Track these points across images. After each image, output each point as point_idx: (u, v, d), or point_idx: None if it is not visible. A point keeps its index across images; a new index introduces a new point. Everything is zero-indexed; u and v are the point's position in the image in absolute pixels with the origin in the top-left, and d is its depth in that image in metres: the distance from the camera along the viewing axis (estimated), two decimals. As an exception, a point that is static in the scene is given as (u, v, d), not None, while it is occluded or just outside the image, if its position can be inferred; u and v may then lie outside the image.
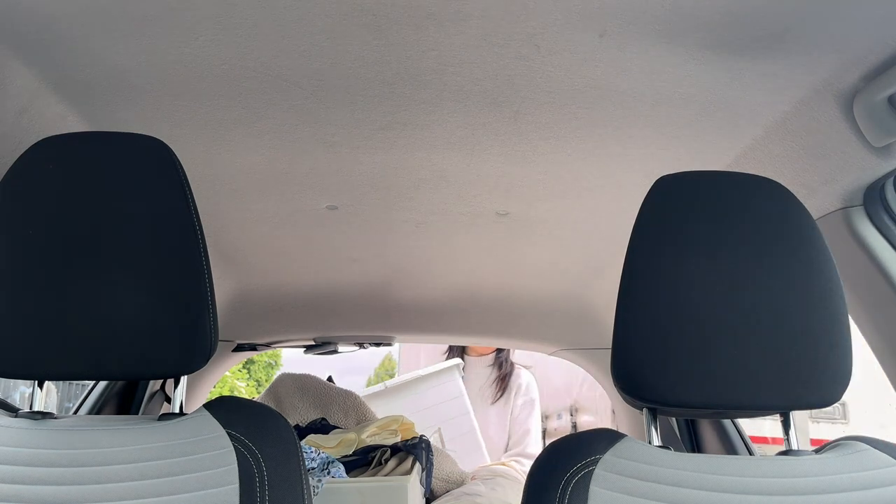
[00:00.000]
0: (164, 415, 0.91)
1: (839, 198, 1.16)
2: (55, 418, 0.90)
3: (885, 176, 1.11)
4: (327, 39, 0.98)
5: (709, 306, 0.85)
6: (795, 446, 0.91)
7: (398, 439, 2.07)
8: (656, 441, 0.90)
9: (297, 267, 1.97)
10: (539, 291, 2.10)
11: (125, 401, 2.11)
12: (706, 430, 1.98)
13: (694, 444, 2.02)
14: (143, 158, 0.89)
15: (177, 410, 0.93)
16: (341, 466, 1.86)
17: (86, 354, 0.84)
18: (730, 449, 1.86)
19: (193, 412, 0.90)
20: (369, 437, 2.03)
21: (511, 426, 2.70)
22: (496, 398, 2.73)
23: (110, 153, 0.89)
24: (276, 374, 2.66)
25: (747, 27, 0.93)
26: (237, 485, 0.83)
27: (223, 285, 1.99)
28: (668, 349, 0.85)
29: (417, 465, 1.99)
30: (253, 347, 2.51)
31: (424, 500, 2.12)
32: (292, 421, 2.27)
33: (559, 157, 1.30)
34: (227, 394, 1.77)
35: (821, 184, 1.16)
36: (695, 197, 0.91)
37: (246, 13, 0.92)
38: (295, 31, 0.96)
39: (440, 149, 1.28)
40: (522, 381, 2.76)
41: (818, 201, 1.18)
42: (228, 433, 0.87)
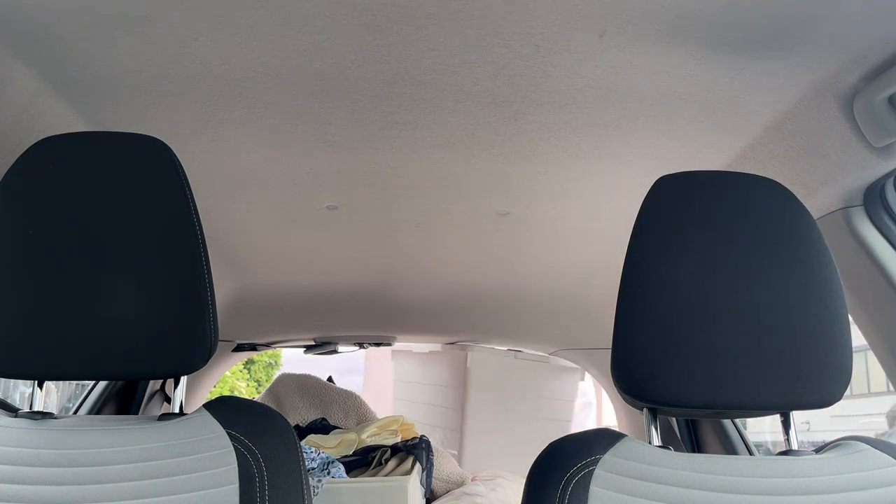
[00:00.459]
0: (164, 415, 0.91)
1: (839, 198, 1.16)
2: (55, 418, 0.90)
3: (885, 176, 1.11)
4: (327, 39, 0.98)
5: (708, 306, 0.85)
6: (795, 446, 0.91)
7: (398, 439, 2.07)
8: (656, 441, 0.90)
9: (297, 267, 1.97)
10: (539, 291, 2.10)
11: (125, 401, 2.12)
12: (706, 430, 1.98)
13: (694, 444, 2.02)
14: (143, 158, 0.89)
15: (177, 410, 0.93)
16: (341, 466, 1.86)
17: (86, 354, 0.84)
18: (730, 449, 1.86)
19: (193, 412, 0.90)
20: (369, 437, 2.03)
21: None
22: None
23: (110, 153, 0.89)
24: (276, 375, 2.66)
25: (747, 27, 0.93)
26: (237, 485, 0.83)
27: (223, 285, 1.99)
28: (668, 349, 0.85)
29: (417, 465, 1.99)
30: (253, 347, 2.51)
31: (425, 501, 2.12)
32: (292, 421, 2.27)
33: (559, 157, 1.30)
34: (227, 394, 1.77)
35: (821, 184, 1.16)
36: (695, 197, 0.91)
37: (246, 13, 0.92)
38: (295, 31, 0.96)
39: (440, 149, 1.28)
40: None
41: (818, 201, 1.18)
42: (228, 433, 0.86)
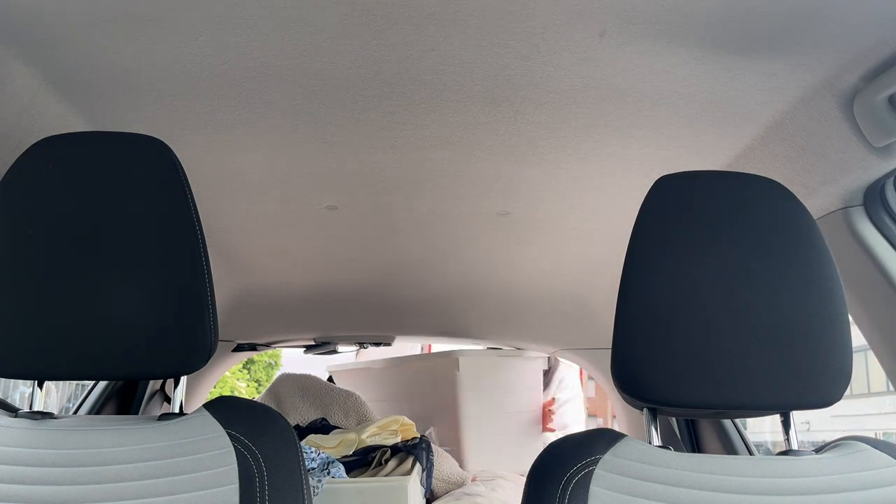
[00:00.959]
0: (164, 415, 0.91)
1: (839, 198, 1.16)
2: (55, 418, 0.90)
3: (885, 176, 1.11)
4: (327, 39, 0.98)
5: (708, 306, 0.85)
6: (795, 446, 0.91)
7: (398, 440, 2.07)
8: (656, 441, 0.90)
9: (297, 267, 1.97)
10: (539, 291, 2.10)
11: (125, 401, 2.12)
12: (706, 430, 1.98)
13: (694, 444, 2.02)
14: (143, 158, 0.89)
15: (177, 410, 0.93)
16: (341, 467, 1.86)
17: (86, 354, 0.84)
18: (730, 449, 1.86)
19: (193, 412, 0.90)
20: (369, 437, 2.03)
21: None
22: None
23: (110, 153, 0.89)
24: (277, 375, 2.66)
25: (747, 27, 0.93)
26: (237, 485, 0.83)
27: (223, 285, 1.99)
28: (667, 349, 0.85)
29: (417, 465, 1.99)
30: (253, 347, 2.51)
31: (425, 501, 2.12)
32: (293, 421, 2.27)
33: (559, 156, 1.30)
34: (227, 394, 1.77)
35: (821, 184, 1.16)
36: (695, 197, 0.91)
37: (246, 13, 0.92)
38: (295, 31, 0.96)
39: (440, 149, 1.28)
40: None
41: (818, 201, 1.18)
42: (228, 433, 0.87)
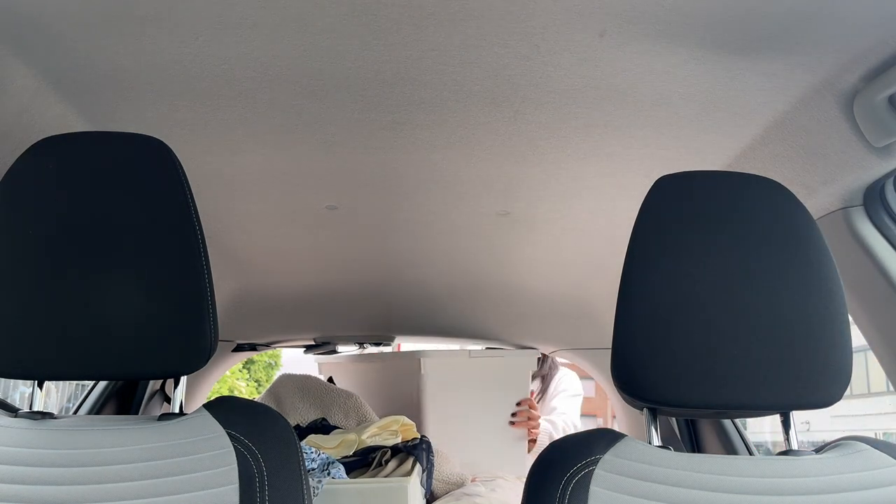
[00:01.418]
0: (164, 415, 0.91)
1: (839, 198, 1.16)
2: (55, 418, 0.90)
3: (885, 176, 1.11)
4: (327, 39, 0.98)
5: (708, 306, 0.85)
6: (795, 446, 0.91)
7: (399, 440, 2.06)
8: (656, 441, 0.90)
9: (297, 267, 1.97)
10: (539, 291, 2.10)
11: (125, 401, 2.12)
12: (706, 430, 1.98)
13: (694, 444, 2.02)
14: (143, 158, 0.89)
15: (177, 410, 0.93)
16: (341, 467, 1.86)
17: (85, 354, 0.84)
18: (730, 449, 1.86)
19: (193, 412, 0.90)
20: (370, 437, 2.03)
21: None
22: (536, 399, 2.69)
23: (110, 153, 0.89)
24: (277, 375, 2.65)
25: (747, 27, 0.93)
26: (237, 485, 0.83)
27: (223, 285, 1.99)
28: (668, 349, 0.85)
29: (418, 465, 1.98)
30: (253, 347, 2.51)
31: (425, 501, 2.11)
32: (293, 421, 2.27)
33: (559, 156, 1.30)
34: (227, 394, 1.77)
35: (821, 184, 1.16)
36: (694, 197, 0.91)
37: (246, 13, 0.92)
38: (295, 31, 0.96)
39: (440, 149, 1.28)
40: (563, 380, 2.72)
41: (818, 201, 1.18)
42: (228, 433, 0.86)
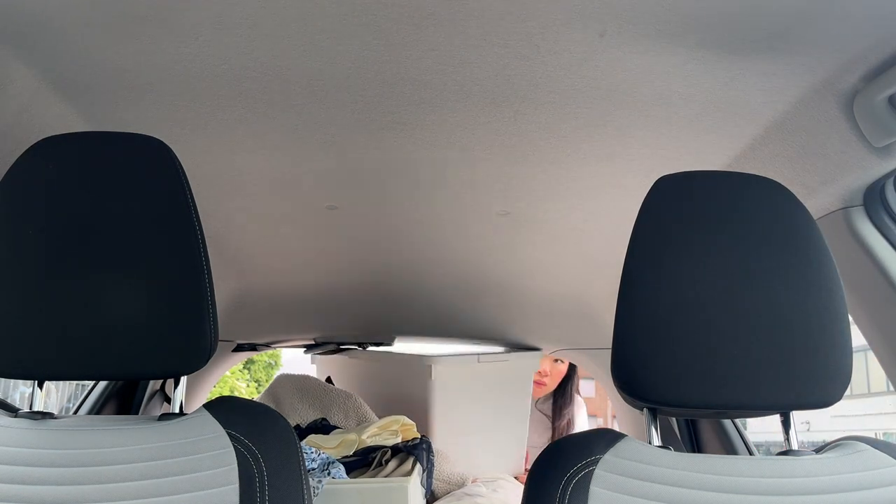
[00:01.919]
0: (164, 415, 0.91)
1: (839, 198, 1.16)
2: (55, 418, 0.90)
3: (885, 176, 1.11)
4: (327, 39, 0.98)
5: (708, 306, 0.85)
6: (795, 446, 0.91)
7: (399, 440, 2.06)
8: (656, 441, 0.90)
9: (297, 267, 1.97)
10: (539, 291, 2.10)
11: (125, 401, 2.12)
12: (706, 430, 1.98)
13: (694, 444, 2.02)
14: (143, 158, 0.89)
15: (177, 410, 0.93)
16: (341, 467, 1.86)
17: (85, 354, 0.84)
18: (730, 449, 1.86)
19: (193, 412, 0.90)
20: (370, 437, 2.03)
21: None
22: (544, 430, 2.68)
23: (110, 153, 0.89)
24: (276, 375, 2.65)
25: (747, 27, 0.93)
26: (237, 485, 0.83)
27: (223, 285, 1.99)
28: (668, 349, 0.85)
29: (418, 465, 1.98)
30: (253, 347, 2.51)
31: (425, 501, 2.11)
32: (292, 422, 2.27)
33: (559, 156, 1.30)
34: (227, 394, 1.77)
35: (821, 184, 1.16)
36: (695, 197, 0.91)
37: (246, 13, 0.92)
38: (295, 31, 0.96)
39: (440, 149, 1.28)
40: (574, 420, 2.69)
41: (818, 201, 1.18)
42: (228, 433, 0.86)
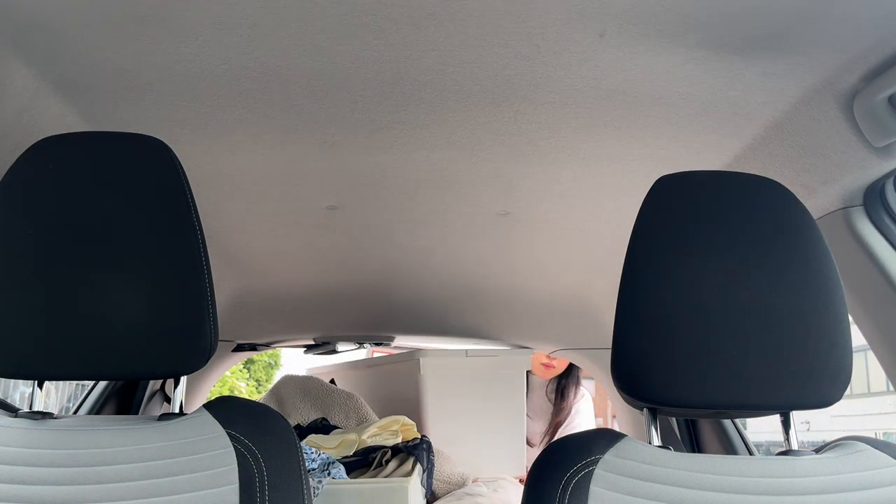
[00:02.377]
0: (164, 415, 0.91)
1: (839, 198, 1.16)
2: (55, 418, 0.90)
3: (885, 176, 1.11)
4: (327, 39, 0.98)
5: (709, 306, 0.85)
6: (795, 446, 0.91)
7: (399, 440, 2.06)
8: (656, 441, 0.90)
9: (297, 267, 1.97)
10: (539, 291, 2.10)
11: (125, 401, 2.11)
12: (706, 430, 1.98)
13: (694, 444, 2.02)
14: (143, 158, 0.89)
15: (177, 410, 0.93)
16: (342, 467, 1.86)
17: (85, 354, 0.84)
18: (730, 449, 1.86)
19: (193, 412, 0.90)
20: (370, 437, 2.03)
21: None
22: (547, 420, 2.66)
23: (110, 153, 0.89)
24: (280, 376, 2.65)
25: (747, 27, 0.93)
26: (237, 485, 0.83)
27: (223, 285, 1.99)
28: (668, 349, 0.85)
29: (418, 466, 1.98)
30: (253, 347, 2.51)
31: (425, 501, 2.11)
32: (293, 421, 2.27)
33: (559, 156, 1.30)
34: (227, 394, 1.76)
35: (821, 184, 1.16)
36: (695, 197, 0.91)
37: (246, 13, 0.92)
38: (295, 31, 0.96)
39: (440, 149, 1.28)
40: (578, 414, 2.67)
41: (818, 201, 1.18)
42: (228, 433, 0.86)
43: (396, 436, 2.07)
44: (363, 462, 1.96)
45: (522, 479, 2.39)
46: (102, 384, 2.03)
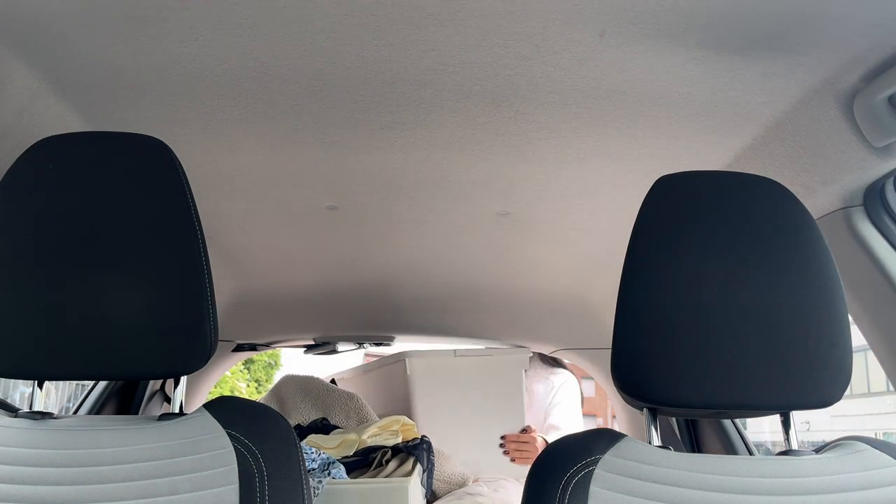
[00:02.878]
0: (164, 415, 0.91)
1: (839, 198, 1.16)
2: (55, 418, 0.90)
3: (885, 176, 1.11)
4: (327, 39, 0.98)
5: (709, 306, 0.85)
6: (795, 446, 0.91)
7: (399, 440, 2.06)
8: (656, 441, 0.90)
9: (297, 267, 1.97)
10: (539, 291, 2.10)
11: (125, 401, 2.12)
12: (706, 430, 1.98)
13: (694, 444, 2.02)
14: (143, 158, 0.89)
15: (177, 410, 0.93)
16: (342, 467, 1.86)
17: (85, 354, 0.84)
18: (730, 449, 1.86)
19: (193, 412, 0.90)
20: (370, 437, 2.03)
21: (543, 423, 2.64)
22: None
23: (110, 153, 0.89)
24: (281, 376, 2.65)
25: (747, 27, 0.93)
26: (237, 485, 0.83)
27: (223, 285, 1.99)
28: (668, 349, 0.85)
29: (418, 466, 1.98)
30: (253, 347, 2.51)
31: (425, 502, 2.11)
32: (294, 421, 2.27)
33: (559, 156, 1.30)
34: (227, 394, 1.77)
35: (821, 184, 1.16)
36: (695, 197, 0.91)
37: (246, 13, 0.92)
38: (295, 31, 0.96)
39: (440, 149, 1.28)
40: (560, 390, 2.66)
41: (818, 201, 1.18)
42: (228, 433, 0.86)
43: (397, 436, 2.07)
44: (363, 462, 1.96)
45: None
46: (102, 384, 2.03)
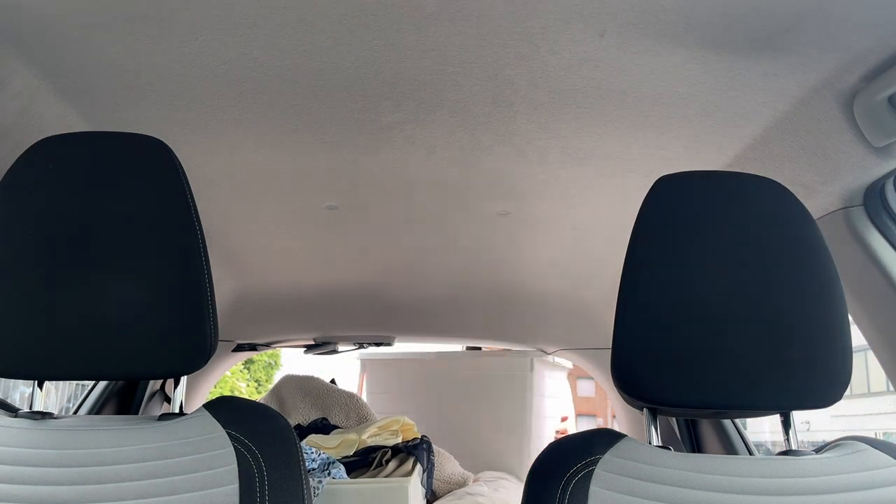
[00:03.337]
0: (164, 415, 0.91)
1: (839, 198, 1.16)
2: (55, 418, 0.90)
3: (885, 176, 1.11)
4: (327, 39, 0.98)
5: (708, 306, 0.85)
6: (795, 446, 0.91)
7: (399, 440, 2.06)
8: (656, 441, 0.90)
9: (297, 267, 1.97)
10: (539, 291, 2.10)
11: (125, 401, 2.11)
12: (706, 430, 1.98)
13: (694, 444, 2.01)
14: (143, 158, 0.89)
15: (177, 410, 0.93)
16: (342, 467, 1.86)
17: (86, 354, 0.84)
18: (730, 449, 1.86)
19: (193, 412, 0.90)
20: (370, 437, 2.03)
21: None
22: None
23: (110, 153, 0.89)
24: (281, 376, 2.65)
25: (747, 27, 0.93)
26: (237, 485, 0.83)
27: (223, 285, 1.99)
28: (667, 349, 0.85)
29: (418, 465, 1.98)
30: (253, 347, 2.51)
31: (425, 501, 2.11)
32: (294, 421, 2.27)
33: (559, 157, 1.30)
34: (227, 394, 1.77)
35: (821, 184, 1.16)
36: (695, 197, 0.91)
37: (246, 13, 0.92)
38: (295, 31, 0.96)
39: (440, 149, 1.28)
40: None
41: (818, 201, 1.18)
42: (228, 433, 0.86)
43: (396, 436, 2.07)
44: (363, 462, 1.96)
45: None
46: (102, 384, 2.03)
